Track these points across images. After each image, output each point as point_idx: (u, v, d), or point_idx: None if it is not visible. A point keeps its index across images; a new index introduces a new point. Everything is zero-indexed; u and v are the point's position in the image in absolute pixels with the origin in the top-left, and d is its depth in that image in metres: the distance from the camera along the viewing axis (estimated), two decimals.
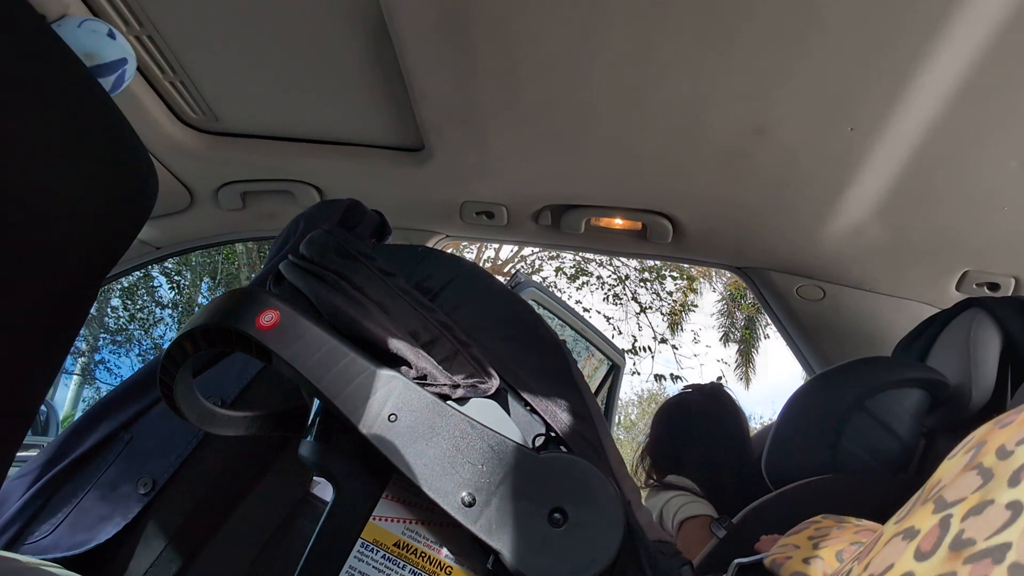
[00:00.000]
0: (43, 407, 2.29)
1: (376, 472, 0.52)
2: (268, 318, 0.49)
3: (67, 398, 7.92)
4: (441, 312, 0.56)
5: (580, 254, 8.10)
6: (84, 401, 8.01)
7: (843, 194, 1.05)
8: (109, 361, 7.82)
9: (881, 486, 0.85)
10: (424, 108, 1.01)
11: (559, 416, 0.55)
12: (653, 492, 1.29)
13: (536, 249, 8.40)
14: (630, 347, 8.70)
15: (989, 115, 0.85)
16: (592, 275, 8.79)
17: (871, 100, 0.85)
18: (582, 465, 0.49)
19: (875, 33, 0.76)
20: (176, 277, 7.95)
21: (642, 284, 8.88)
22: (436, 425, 0.49)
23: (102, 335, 7.80)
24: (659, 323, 8.99)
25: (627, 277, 8.81)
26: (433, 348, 0.53)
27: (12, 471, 0.58)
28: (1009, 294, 1.20)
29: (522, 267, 8.71)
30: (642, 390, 12.59)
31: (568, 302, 4.18)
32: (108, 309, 7.68)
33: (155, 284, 7.89)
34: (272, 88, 1.07)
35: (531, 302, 1.54)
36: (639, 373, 8.90)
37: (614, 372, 2.28)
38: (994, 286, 1.21)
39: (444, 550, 0.51)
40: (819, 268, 1.28)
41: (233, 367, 0.73)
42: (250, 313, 0.50)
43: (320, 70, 1.01)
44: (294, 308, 0.51)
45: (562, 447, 0.54)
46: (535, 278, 7.20)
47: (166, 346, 0.52)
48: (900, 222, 1.10)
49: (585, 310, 8.58)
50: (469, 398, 0.52)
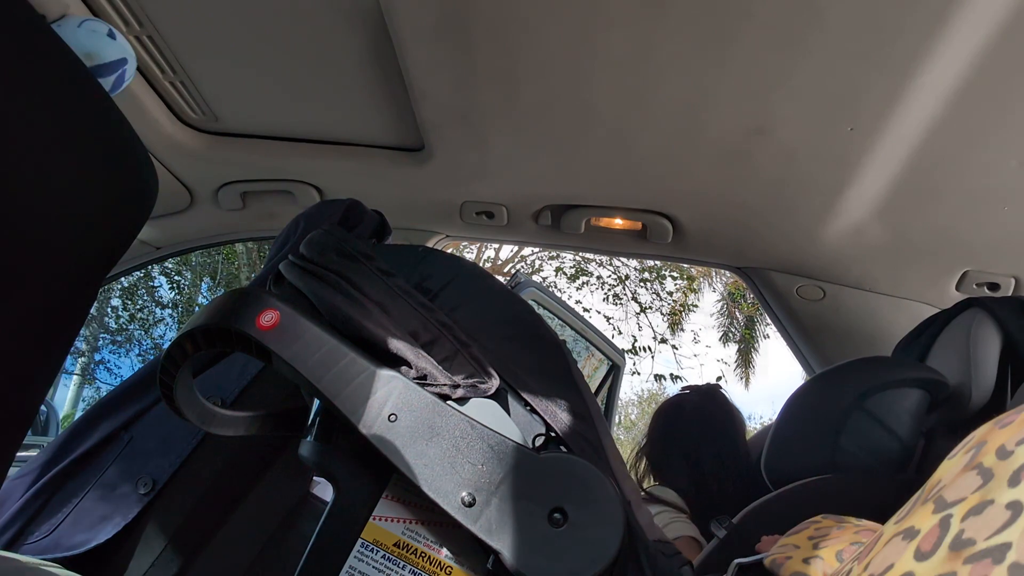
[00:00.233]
0: (43, 407, 2.29)
1: (376, 472, 0.52)
2: (268, 318, 0.49)
3: (67, 398, 7.92)
4: (441, 312, 0.56)
5: (580, 254, 8.10)
6: (84, 401, 8.01)
7: (843, 194, 1.05)
8: (109, 361, 7.82)
9: (881, 486, 0.85)
10: (424, 108, 1.01)
11: (559, 416, 0.55)
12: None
13: (536, 249, 8.40)
14: (630, 347, 8.70)
15: (989, 115, 0.85)
16: (592, 275, 8.79)
17: (871, 100, 0.85)
18: (582, 465, 0.49)
19: (875, 33, 0.76)
20: (176, 277, 7.94)
21: (642, 284, 8.88)
22: (436, 425, 0.49)
23: (102, 335, 7.80)
24: (659, 323, 9.00)
25: (627, 277, 8.81)
26: (433, 348, 0.53)
27: (12, 471, 0.58)
28: (1009, 294, 1.20)
29: (522, 267, 8.71)
30: (642, 390, 12.61)
31: (568, 302, 4.18)
32: (108, 309, 7.68)
33: (155, 284, 7.89)
34: (272, 88, 1.07)
35: (531, 302, 1.54)
36: (639, 373, 8.91)
37: (614, 372, 2.28)
38: (994, 286, 1.21)
39: (444, 550, 0.51)
40: (819, 268, 1.28)
41: (233, 367, 0.73)
42: (250, 313, 0.50)
43: (320, 70, 1.01)
44: (294, 308, 0.51)
45: (562, 447, 0.54)
46: (535, 278, 7.20)
47: (166, 346, 0.52)
48: (900, 222, 1.10)
49: (585, 310, 8.58)
50: (469, 398, 0.52)
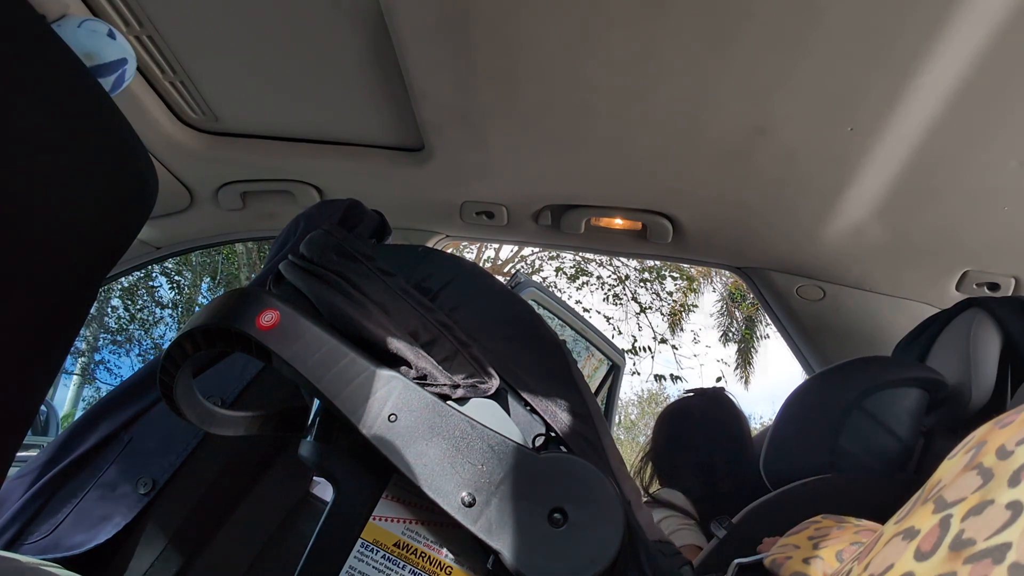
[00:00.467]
0: (43, 407, 2.29)
1: (376, 472, 0.52)
2: (268, 318, 0.49)
3: (67, 398, 7.91)
4: (441, 312, 0.56)
5: (580, 254, 8.10)
6: (84, 401, 8.01)
7: (843, 194, 1.05)
8: (109, 361, 7.82)
9: (881, 486, 0.85)
10: (424, 108, 1.01)
11: (559, 416, 0.55)
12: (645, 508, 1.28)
13: (536, 249, 8.40)
14: (630, 347, 8.70)
15: (989, 115, 0.85)
16: (592, 275, 8.78)
17: (871, 100, 0.85)
18: (582, 465, 0.49)
19: (875, 33, 0.76)
20: (176, 277, 7.94)
21: (642, 284, 8.88)
22: (436, 425, 0.49)
23: (102, 335, 7.80)
24: (659, 323, 8.99)
25: (627, 277, 8.81)
26: (433, 348, 0.53)
27: (12, 471, 0.58)
28: (1009, 294, 1.20)
29: (522, 267, 8.71)
30: (642, 390, 12.62)
31: (568, 302, 4.18)
32: (108, 309, 7.68)
33: (155, 284, 7.88)
34: (272, 88, 1.07)
35: (531, 302, 1.54)
36: (639, 373, 8.90)
37: (614, 372, 2.28)
38: (994, 286, 1.21)
39: (444, 550, 0.50)
40: (819, 268, 1.28)
41: (233, 367, 0.73)
42: (250, 313, 0.50)
43: (320, 70, 1.01)
44: (294, 308, 0.51)
45: (562, 447, 0.54)
46: (535, 278, 7.20)
47: (166, 346, 0.52)
48: (900, 222, 1.10)
49: (585, 310, 8.57)
50: (469, 398, 0.52)
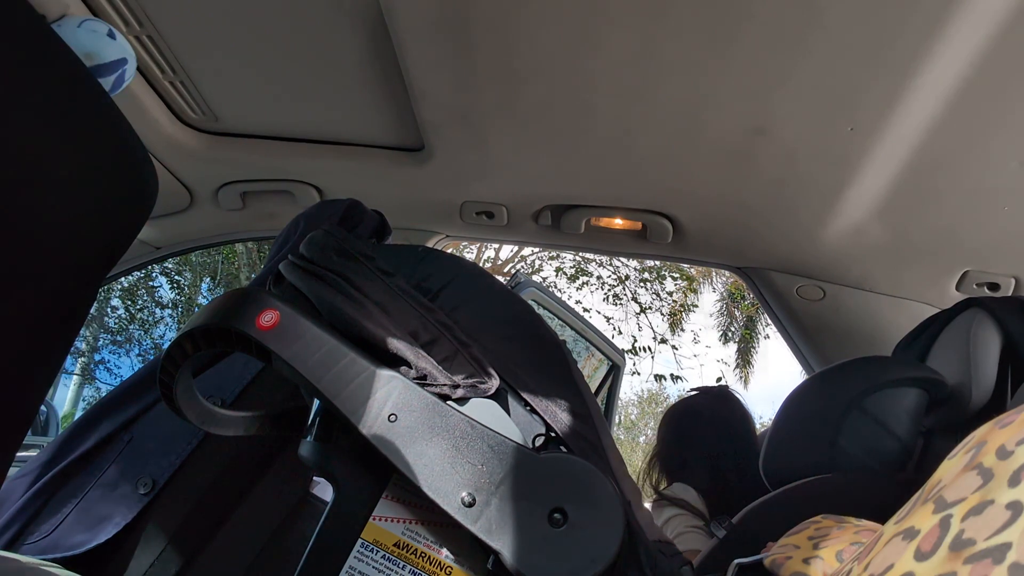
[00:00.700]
0: (43, 407, 2.29)
1: (376, 472, 0.52)
2: (268, 318, 0.49)
3: (67, 398, 7.91)
4: (441, 312, 0.56)
5: (580, 254, 8.10)
6: (84, 401, 8.00)
7: (843, 194, 1.05)
8: (109, 361, 7.81)
9: (881, 486, 0.85)
10: (424, 108, 1.01)
11: (559, 416, 0.55)
12: (654, 507, 1.28)
13: (536, 249, 8.40)
14: (630, 347, 8.69)
15: (989, 115, 0.85)
16: (592, 275, 8.78)
17: (871, 100, 0.85)
18: (582, 465, 0.49)
19: (875, 33, 0.76)
20: (176, 277, 7.94)
21: (642, 284, 8.88)
22: (436, 425, 0.49)
23: (102, 335, 7.79)
24: (659, 323, 8.99)
25: (627, 277, 8.81)
26: (433, 348, 0.53)
27: (12, 471, 0.58)
28: (1009, 294, 1.20)
29: (522, 267, 8.70)
30: (642, 390, 12.63)
31: (568, 302, 4.17)
32: (108, 309, 7.67)
33: (155, 284, 7.88)
34: (272, 88, 1.07)
35: (531, 302, 1.54)
36: (639, 373, 8.90)
37: (614, 372, 2.27)
38: (994, 286, 1.21)
39: (444, 550, 0.50)
40: (819, 268, 1.28)
41: (233, 367, 0.73)
42: (250, 313, 0.50)
43: (320, 70, 1.01)
44: (294, 308, 0.50)
45: (562, 447, 0.54)
46: (535, 278, 7.20)
47: (166, 346, 0.52)
48: (900, 222, 1.10)
49: (585, 310, 8.57)
50: (469, 398, 0.52)
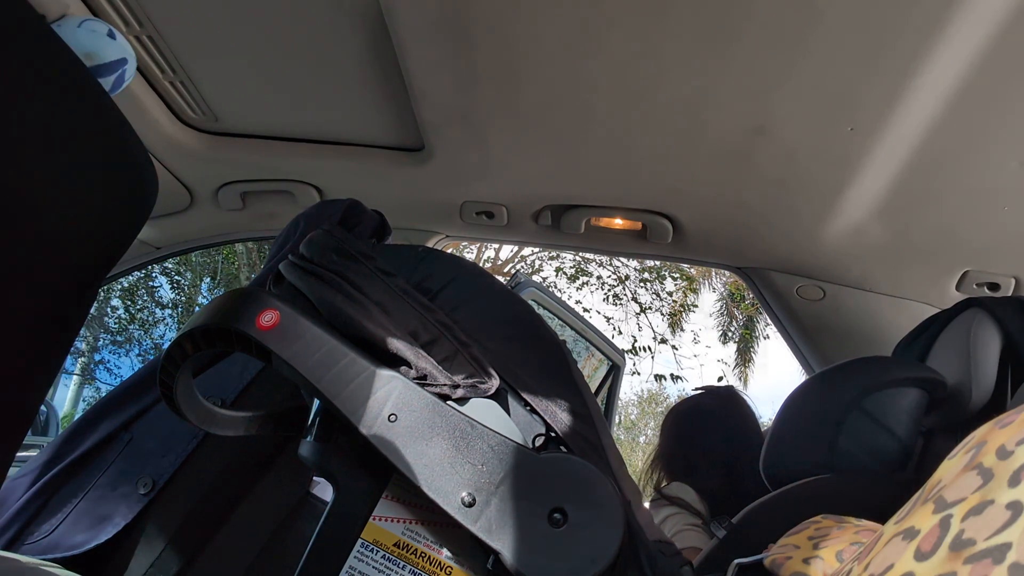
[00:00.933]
0: (43, 407, 2.29)
1: (376, 472, 0.52)
2: (268, 318, 0.49)
3: (67, 398, 7.91)
4: (441, 312, 0.56)
5: (580, 254, 8.10)
6: (84, 401, 8.00)
7: (843, 194, 1.05)
8: (109, 361, 7.81)
9: (881, 486, 0.85)
10: (424, 108, 1.01)
11: (559, 416, 0.55)
12: (653, 506, 1.28)
13: (536, 249, 8.40)
14: (630, 347, 8.70)
15: (989, 115, 0.85)
16: (592, 275, 8.78)
17: (871, 100, 0.85)
18: (582, 465, 0.49)
19: (875, 33, 0.76)
20: (176, 277, 7.94)
21: (642, 284, 8.88)
22: (436, 425, 0.49)
23: (102, 335, 7.79)
24: (659, 323, 8.99)
25: (627, 277, 8.81)
26: (433, 348, 0.53)
27: (12, 471, 0.58)
28: (1009, 294, 1.20)
29: (522, 267, 8.70)
30: (642, 390, 12.62)
31: (568, 302, 4.18)
32: (108, 309, 7.67)
33: (155, 284, 7.88)
34: (272, 88, 1.07)
35: (531, 302, 1.54)
36: (639, 373, 8.91)
37: (614, 372, 2.27)
38: (994, 286, 1.21)
39: (444, 550, 0.50)
40: (819, 268, 1.28)
41: (233, 367, 0.73)
42: (250, 313, 0.50)
43: (320, 70, 1.01)
44: (294, 308, 0.50)
45: (562, 447, 0.54)
46: (535, 278, 7.20)
47: (166, 346, 0.52)
48: (900, 222, 1.10)
49: (585, 310, 8.58)
50: (469, 398, 0.52)
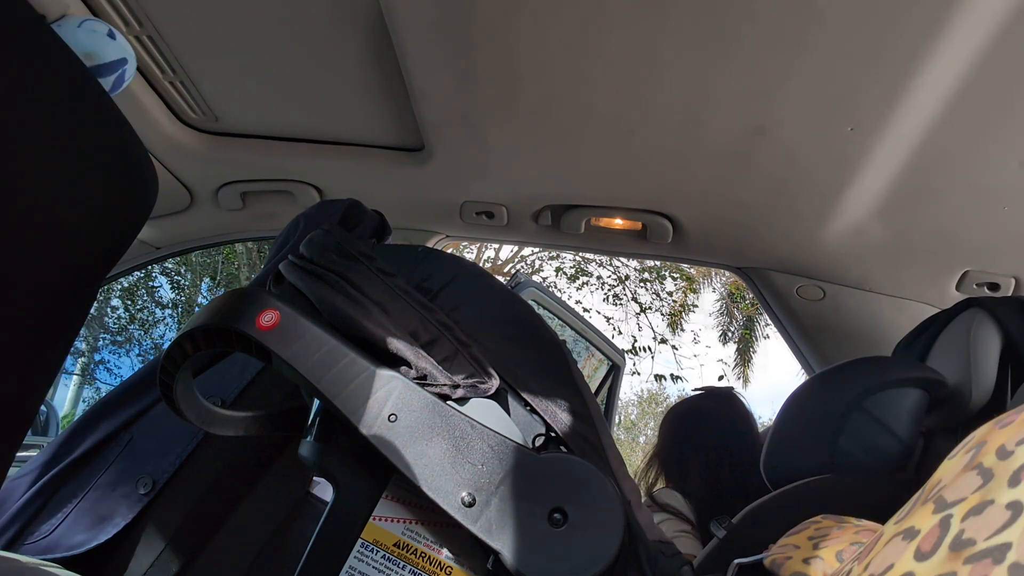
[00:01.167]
0: (43, 407, 2.29)
1: (376, 472, 0.52)
2: (268, 318, 0.49)
3: (67, 398, 7.91)
4: (441, 312, 0.56)
5: (580, 254, 8.10)
6: (84, 401, 8.00)
7: (843, 194, 1.05)
8: (109, 361, 7.81)
9: (881, 486, 0.85)
10: (424, 108, 1.01)
11: (559, 416, 0.55)
12: None
13: (536, 249, 8.40)
14: (630, 347, 8.70)
15: (989, 115, 0.85)
16: (592, 275, 8.78)
17: (871, 100, 0.85)
18: (582, 465, 0.49)
19: (875, 33, 0.76)
20: (176, 277, 7.94)
21: (642, 284, 8.88)
22: (436, 425, 0.49)
23: (102, 335, 7.79)
24: (659, 323, 8.99)
25: (627, 277, 8.81)
26: (433, 348, 0.53)
27: (12, 471, 0.58)
28: (1009, 294, 1.20)
29: (522, 267, 8.70)
30: (642, 390, 12.63)
31: (568, 302, 4.18)
32: (108, 309, 7.67)
33: (155, 284, 7.88)
34: (272, 88, 1.07)
35: (531, 302, 1.54)
36: (639, 373, 8.90)
37: (614, 372, 2.28)
38: (994, 286, 1.21)
39: (444, 550, 0.51)
40: (819, 268, 1.28)
41: (233, 367, 0.73)
42: (250, 313, 0.50)
43: (320, 70, 1.01)
44: (294, 308, 0.50)
45: (562, 447, 0.54)
46: (535, 278, 7.20)
47: (166, 346, 0.52)
48: (900, 222, 1.10)
49: (585, 310, 8.58)
50: (469, 398, 0.52)
